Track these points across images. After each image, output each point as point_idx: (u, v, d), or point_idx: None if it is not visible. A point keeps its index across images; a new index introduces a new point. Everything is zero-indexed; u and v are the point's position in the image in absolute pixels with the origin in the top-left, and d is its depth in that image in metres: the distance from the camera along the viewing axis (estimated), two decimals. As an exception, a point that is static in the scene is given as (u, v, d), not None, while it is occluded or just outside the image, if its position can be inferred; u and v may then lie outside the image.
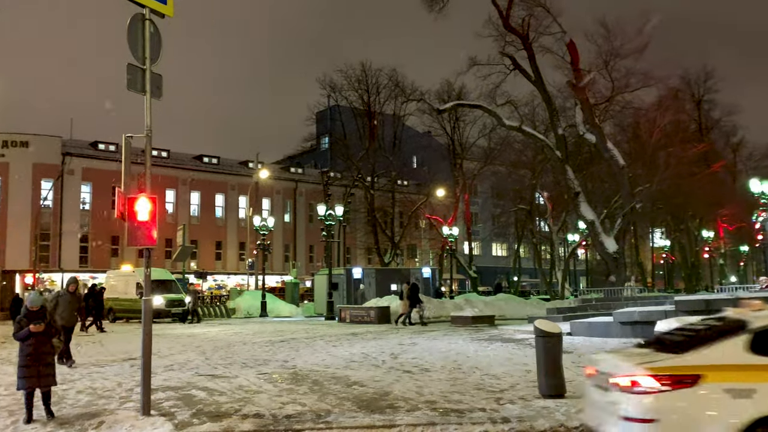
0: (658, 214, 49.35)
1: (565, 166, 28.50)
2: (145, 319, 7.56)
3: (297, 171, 57.29)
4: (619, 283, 25.70)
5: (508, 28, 28.74)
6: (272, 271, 48.81)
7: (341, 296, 32.46)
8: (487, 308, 26.61)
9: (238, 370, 11.17)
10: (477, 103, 32.49)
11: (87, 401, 8.38)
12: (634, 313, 14.92)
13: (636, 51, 30.19)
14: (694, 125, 49.05)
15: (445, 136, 47.74)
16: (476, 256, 54.06)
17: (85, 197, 44.85)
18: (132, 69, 7.46)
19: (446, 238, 43.08)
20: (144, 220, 7.34)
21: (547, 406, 7.29)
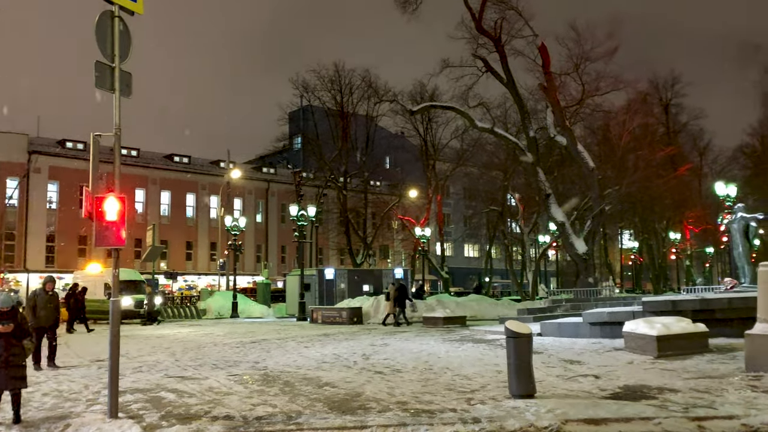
0: (627, 216, 50.12)
1: (537, 168, 28.78)
2: (113, 320, 7.45)
3: (269, 171, 56.96)
4: (593, 284, 26.04)
5: (480, 31, 28.93)
6: (244, 272, 48.52)
7: (313, 297, 32.35)
8: (459, 309, 26.70)
9: (209, 371, 11.06)
10: (450, 105, 32.63)
11: (53, 404, 8.22)
12: (603, 314, 15.11)
13: (606, 55, 30.69)
14: (662, 129, 49.97)
15: (417, 137, 47.87)
16: (448, 257, 54.31)
17: (52, 196, 44.06)
18: (100, 67, 7.34)
19: (419, 239, 43.20)
20: (112, 220, 7.23)
21: (518, 407, 7.35)
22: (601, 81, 31.61)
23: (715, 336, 12.39)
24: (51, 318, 12.23)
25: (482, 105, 34.22)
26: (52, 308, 12.23)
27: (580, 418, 6.78)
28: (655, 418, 6.66)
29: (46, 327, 12.03)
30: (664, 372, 9.67)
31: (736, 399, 7.52)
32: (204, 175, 51.24)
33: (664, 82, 52.39)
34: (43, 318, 12.02)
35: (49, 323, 12.18)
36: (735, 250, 17.33)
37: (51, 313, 12.21)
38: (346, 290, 32.91)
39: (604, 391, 8.27)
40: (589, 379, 9.32)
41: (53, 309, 12.26)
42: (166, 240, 45.14)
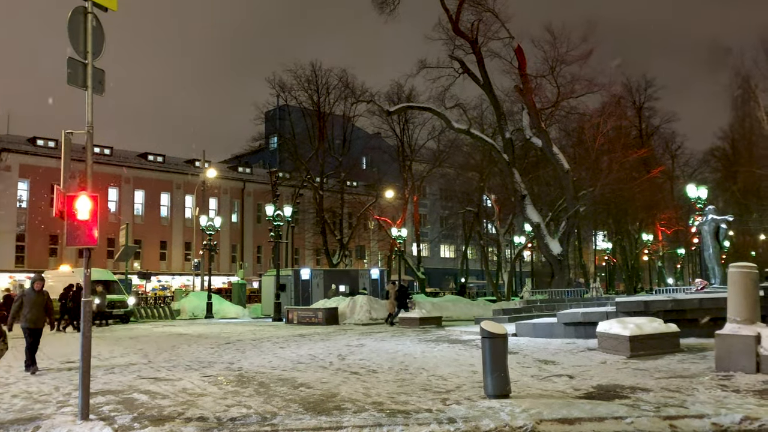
0: (601, 218, 50.70)
1: (512, 169, 29.00)
2: (84, 321, 7.34)
3: (245, 171, 56.60)
4: (563, 285, 26.29)
5: (457, 32, 29.08)
6: (219, 272, 48.10)
7: (289, 297, 32.21)
8: (435, 309, 26.79)
9: (182, 372, 10.94)
10: (426, 106, 32.73)
11: (22, 405, 8.07)
12: (577, 314, 15.25)
13: (581, 58, 31.04)
14: (636, 131, 50.65)
15: (394, 137, 47.93)
16: (424, 257, 54.46)
17: (22, 194, 43.30)
18: (73, 63, 7.22)
19: (395, 239, 43.26)
20: (84, 219, 7.12)
21: (493, 407, 7.38)
22: (575, 84, 32.02)
23: (686, 336, 12.59)
24: (40, 319, 11.70)
25: (459, 106, 34.41)
26: (41, 308, 11.63)
27: (554, 417, 6.84)
28: (628, 418, 6.74)
29: (33, 328, 11.49)
30: (637, 372, 9.79)
31: (706, 398, 7.64)
32: (179, 174, 50.73)
33: (638, 86, 53.20)
34: (31, 318, 11.50)
35: (38, 324, 11.69)
36: (705, 251, 17.63)
37: (40, 314, 11.64)
38: (321, 291, 32.82)
39: (577, 391, 8.34)
40: (563, 379, 9.40)
41: (42, 309, 11.67)
42: (139, 240, 44.63)
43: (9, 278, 41.49)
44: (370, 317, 25.31)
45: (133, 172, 48.31)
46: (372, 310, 25.77)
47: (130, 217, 45.70)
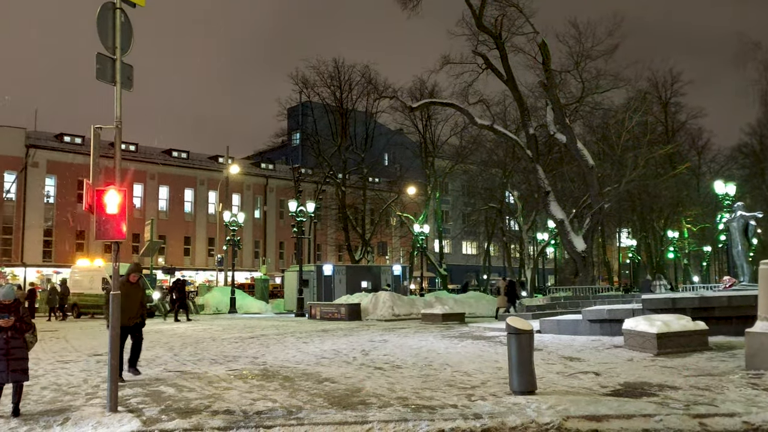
0: (625, 214, 50.15)
1: (536, 166, 28.78)
2: (113, 315, 7.42)
3: (268, 167, 56.89)
4: (587, 282, 26.06)
5: (481, 28, 28.91)
6: (242, 268, 48.45)
7: (311, 293, 32.34)
8: (458, 306, 26.71)
9: (208, 366, 11.03)
10: (449, 102, 32.61)
11: (52, 397, 8.19)
12: (602, 311, 15.11)
13: (606, 53, 30.71)
14: (661, 127, 49.92)
15: (417, 133, 47.85)
16: (446, 254, 54.34)
17: (50, 190, 43.96)
18: (102, 59, 7.29)
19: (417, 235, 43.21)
20: (113, 213, 7.20)
21: (518, 403, 7.34)
22: (601, 79, 31.73)
23: (714, 334, 12.41)
24: (134, 314, 9.93)
25: (482, 102, 34.21)
26: (137, 302, 9.98)
27: (581, 414, 6.77)
28: (656, 415, 6.65)
29: (128, 325, 9.65)
30: (665, 369, 9.66)
31: (736, 397, 7.51)
32: (202, 171, 51.16)
33: (664, 81, 52.39)
34: (125, 314, 9.35)
35: (132, 321, 9.86)
36: (734, 248, 17.34)
37: (135, 309, 9.92)
38: (344, 286, 32.90)
39: (604, 388, 8.26)
40: (589, 375, 9.31)
41: (138, 304, 10.01)
42: (164, 235, 45.08)
43: (36, 272, 42.20)
44: (392, 313, 25.30)
45: (158, 168, 48.81)
46: (395, 306, 25.76)
47: (154, 212, 46.19)
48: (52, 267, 42.67)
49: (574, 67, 30.83)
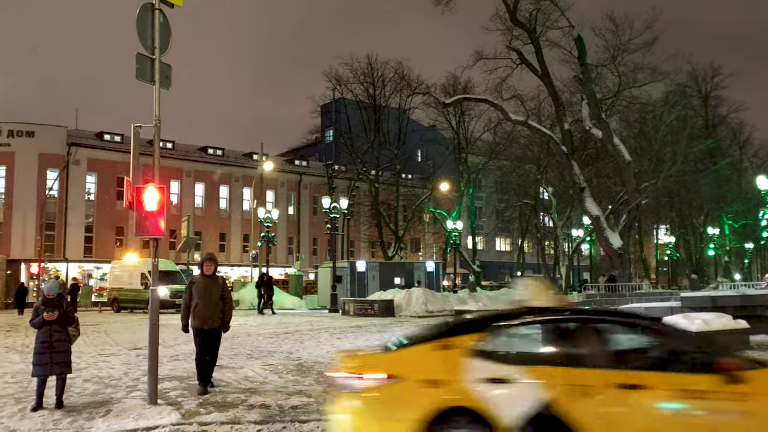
0: (663, 211, 49.24)
1: (571, 161, 28.42)
2: (152, 309, 7.57)
3: (301, 163, 57.26)
4: (624, 279, 25.68)
5: (515, 22, 28.62)
6: (276, 264, 48.84)
7: (345, 289, 32.50)
8: (491, 302, 26.60)
9: (243, 361, 11.18)
10: (483, 97, 32.37)
11: (94, 390, 8.41)
12: (639, 309, 14.87)
13: (644, 46, 30.15)
14: (701, 121, 48.86)
15: (450, 130, 47.67)
16: (480, 250, 54.05)
17: (90, 187, 44.93)
18: (141, 58, 7.45)
19: (450, 232, 43.09)
20: (152, 210, 7.35)
21: (554, 400, 7.28)
22: (638, 73, 31.17)
23: (756, 333, 12.14)
24: (212, 314, 8.11)
25: (516, 97, 33.88)
26: (213, 300, 8.12)
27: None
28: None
29: (203, 328, 8.10)
30: (704, 369, 9.47)
31: (779, 397, 7.33)
32: (237, 167, 51.73)
33: (704, 74, 51.19)
34: (200, 313, 8.07)
35: (209, 323, 8.09)
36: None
37: (212, 308, 8.10)
38: (377, 283, 32.99)
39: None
40: (626, 374, 9.18)
41: (214, 302, 8.13)
42: (199, 231, 45.73)
43: (78, 268, 43.22)
44: (425, 310, 25.31)
45: (194, 165, 49.52)
46: (428, 303, 25.77)
47: (190, 209, 46.87)
48: (92, 262, 43.67)
49: (611, 61, 30.33)
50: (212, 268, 8.27)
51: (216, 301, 8.10)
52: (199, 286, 8.16)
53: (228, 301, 8.29)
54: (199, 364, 8.17)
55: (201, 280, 8.20)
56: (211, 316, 8.07)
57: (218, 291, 8.18)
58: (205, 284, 8.14)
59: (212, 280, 8.20)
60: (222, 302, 8.17)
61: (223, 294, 8.22)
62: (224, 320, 8.22)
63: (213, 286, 8.14)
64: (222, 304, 8.17)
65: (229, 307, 8.33)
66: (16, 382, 9.04)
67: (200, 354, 8.14)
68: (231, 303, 8.41)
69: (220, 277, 8.40)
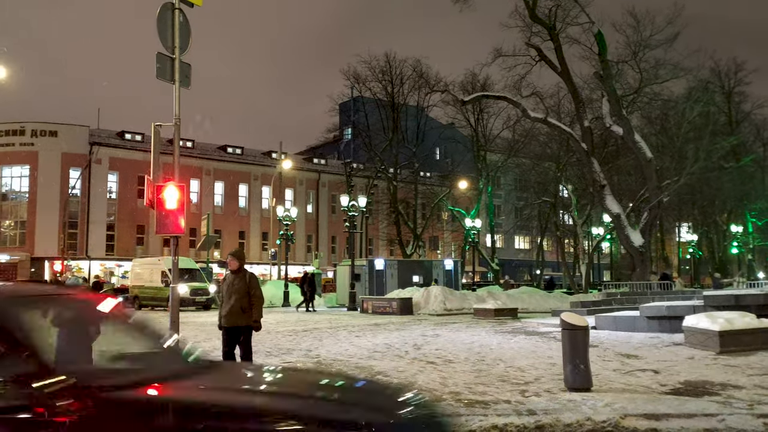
0: (686, 208, 48.69)
1: (591, 159, 28.17)
2: (173, 307, 7.64)
3: (320, 162, 57.44)
4: (645, 278, 25.41)
5: (534, 19, 28.42)
6: (295, 262, 49.07)
7: (363, 287, 32.52)
8: (510, 301, 26.45)
9: (263, 358, 11.23)
10: (502, 95, 32.18)
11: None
12: (661, 308, 14.72)
13: (666, 42, 29.80)
14: (724, 118, 48.19)
15: (468, 127, 47.53)
16: (499, 248, 53.84)
17: (112, 186, 45.47)
18: (161, 58, 7.51)
19: (468, 230, 42.96)
20: (172, 209, 7.41)
21: (574, 399, 7.23)
22: (660, 69, 30.79)
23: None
24: (234, 312, 7.91)
25: (535, 95, 33.63)
26: (238, 297, 7.89)
27: (639, 413, 6.62)
28: (719, 415, 6.45)
29: (228, 326, 8.02)
30: (727, 368, 9.36)
31: (805, 397, 7.22)
32: (256, 166, 52.04)
33: (727, 70, 50.48)
34: (223, 311, 8.04)
35: (230, 321, 7.95)
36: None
37: (234, 305, 7.91)
38: (396, 281, 32.97)
39: (664, 387, 8.06)
40: (647, 373, 9.09)
41: (238, 300, 7.89)
42: (219, 229, 46.08)
43: (100, 266, 43.76)
44: (444, 308, 25.23)
45: (214, 164, 49.88)
46: (446, 301, 25.68)
47: (210, 207, 47.23)
48: (114, 260, 44.20)
49: (632, 57, 30.00)
50: (234, 263, 8.06)
51: (240, 298, 7.85)
52: (226, 283, 8.06)
53: (256, 298, 7.97)
54: None
55: (228, 277, 8.09)
56: (233, 314, 7.90)
57: (243, 288, 7.90)
58: (230, 281, 7.98)
59: (237, 276, 7.99)
60: (248, 298, 7.90)
61: (249, 290, 7.92)
62: (253, 318, 7.96)
63: (237, 283, 7.93)
64: (248, 300, 7.90)
65: (257, 305, 7.97)
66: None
67: (223, 352, 8.05)
68: (259, 300, 8.05)
69: (248, 273, 8.14)
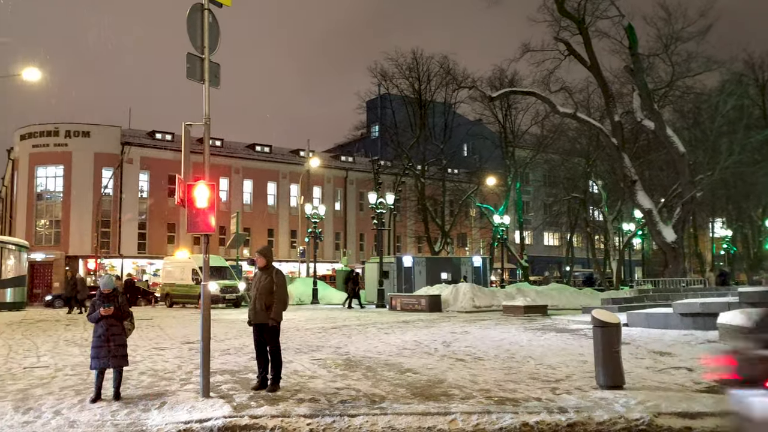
0: (720, 203, 47.81)
1: (622, 154, 27.79)
2: (204, 304, 7.72)
3: (347, 159, 57.56)
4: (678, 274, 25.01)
5: (563, 13, 28.11)
6: (323, 259, 49.29)
7: (391, 284, 32.55)
8: (540, 298, 26.23)
9: (292, 355, 11.30)
10: (530, 90, 31.91)
11: (149, 382, 8.63)
12: (695, 305, 14.48)
13: (698, 35, 29.28)
14: (759, 111, 47.10)
15: (496, 123, 47.24)
16: (528, 245, 53.44)
17: (143, 185, 46.12)
18: (191, 58, 7.58)
19: (497, 227, 42.70)
20: (203, 207, 7.48)
21: (606, 397, 7.15)
22: (692, 62, 30.32)
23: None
24: (259, 308, 7.97)
25: (564, 90, 33.27)
26: (263, 294, 7.95)
27: (673, 411, 6.53)
28: (756, 414, 6.32)
29: (254, 323, 8.09)
30: (764, 366, 9.16)
31: None
32: (284, 164, 52.33)
33: (761, 62, 49.28)
34: (250, 308, 8.14)
35: (256, 317, 8.01)
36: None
37: (260, 302, 7.95)
38: (424, 278, 32.94)
39: (698, 385, 7.93)
40: (681, 371, 8.96)
41: (264, 296, 7.94)
42: (248, 227, 46.49)
43: (132, 264, 44.47)
44: (473, 305, 25.13)
45: (242, 162, 50.31)
46: (475, 298, 25.57)
47: (239, 206, 47.64)
48: (146, 258, 44.85)
49: (663, 51, 29.53)
50: (262, 261, 8.11)
51: (266, 294, 7.91)
52: (254, 280, 8.20)
53: (278, 296, 7.96)
54: (257, 360, 8.18)
55: (256, 273, 8.22)
56: (258, 311, 7.96)
57: (269, 285, 7.95)
58: (257, 278, 8.09)
59: (264, 273, 8.06)
60: (272, 296, 7.93)
61: (273, 288, 7.95)
62: (269, 316, 7.91)
63: (263, 280, 7.99)
64: (272, 298, 7.92)
65: (278, 302, 7.96)
66: (75, 375, 9.34)
67: (255, 350, 8.20)
68: (282, 297, 8.01)
69: (275, 270, 8.15)
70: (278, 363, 8.03)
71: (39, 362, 10.77)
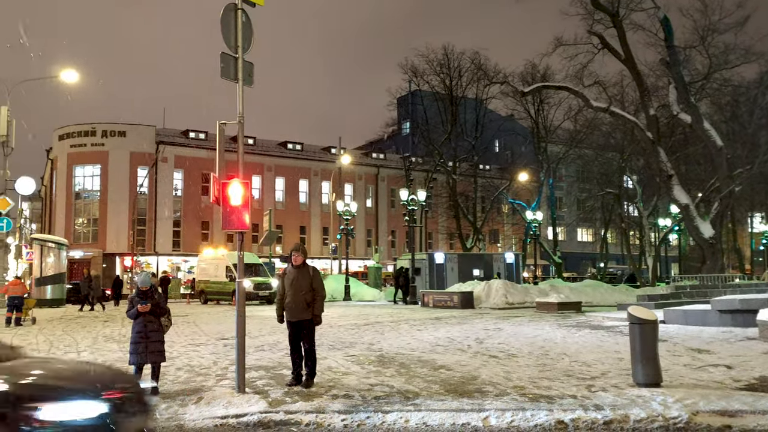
0: (759, 198, 46.70)
1: (658, 148, 27.33)
2: (239, 301, 7.82)
3: (379, 156, 57.63)
4: (716, 270, 24.52)
5: (596, 6, 27.74)
6: (355, 256, 49.48)
7: (423, 281, 32.50)
8: (574, 294, 25.94)
9: (326, 351, 11.37)
10: (563, 85, 31.54)
11: (186, 378, 8.78)
12: (734, 301, 14.19)
13: (735, 26, 28.64)
14: (800, 103, 45.88)
15: (528, 119, 46.77)
16: (561, 241, 52.87)
17: (177, 183, 46.83)
18: (225, 57, 7.68)
19: (529, 223, 42.32)
20: (237, 205, 7.58)
21: (643, 395, 7.05)
22: (729, 53, 29.64)
23: None
24: (299, 306, 7.96)
25: (598, 84, 32.81)
26: (299, 291, 7.95)
27: (712, 409, 6.42)
28: (799, 413, 6.18)
29: (291, 320, 8.07)
30: (807, 364, 8.95)
31: None
32: (316, 162, 52.65)
33: (802, 52, 47.96)
34: (288, 305, 8.04)
35: (296, 315, 7.99)
36: None
37: (299, 299, 7.94)
38: (456, 275, 32.81)
39: (737, 382, 7.78)
40: (720, 369, 8.79)
41: (306, 292, 7.95)
42: (280, 225, 46.86)
43: (167, 261, 45.22)
44: (506, 302, 24.96)
45: (274, 160, 50.74)
46: (508, 295, 25.39)
47: (272, 203, 48.10)
48: (180, 256, 45.57)
49: (700, 42, 28.94)
50: (299, 258, 8.08)
51: (304, 292, 7.90)
52: (288, 277, 8.09)
53: (318, 292, 8.00)
54: (291, 356, 8.19)
55: (291, 271, 8.13)
56: (297, 308, 7.94)
57: (307, 282, 7.96)
58: (294, 275, 8.03)
59: (300, 270, 8.05)
60: (312, 293, 7.96)
61: (313, 285, 7.98)
62: (313, 312, 7.95)
63: (301, 277, 7.98)
64: (312, 295, 7.95)
65: (320, 299, 8.00)
66: (114, 369, 9.54)
67: (290, 347, 8.22)
68: (321, 294, 8.05)
69: (311, 267, 8.17)
70: (313, 359, 8.07)
71: (79, 358, 11.03)
